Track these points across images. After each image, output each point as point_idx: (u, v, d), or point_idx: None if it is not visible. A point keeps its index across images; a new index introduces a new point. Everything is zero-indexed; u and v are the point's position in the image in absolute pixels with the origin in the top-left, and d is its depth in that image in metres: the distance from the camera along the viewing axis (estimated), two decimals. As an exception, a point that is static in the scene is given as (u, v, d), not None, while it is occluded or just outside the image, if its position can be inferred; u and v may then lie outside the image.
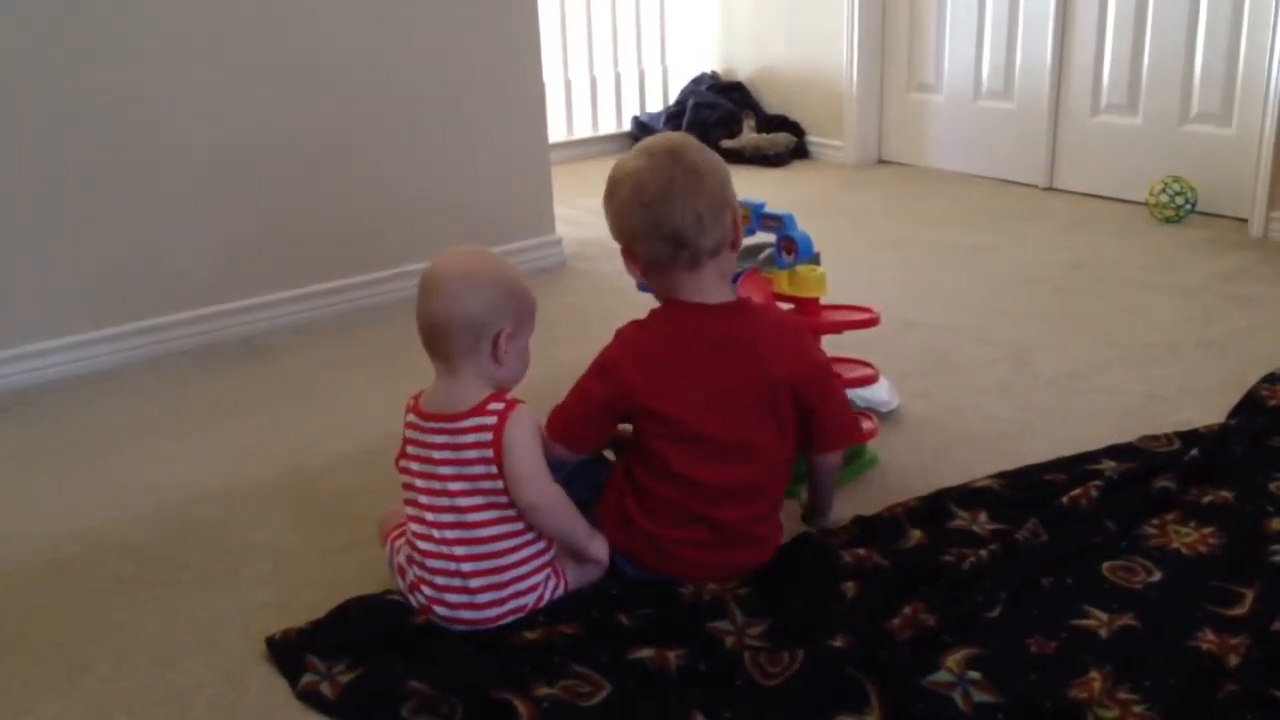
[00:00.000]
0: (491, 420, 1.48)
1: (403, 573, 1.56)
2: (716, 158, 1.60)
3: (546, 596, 1.53)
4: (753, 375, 1.56)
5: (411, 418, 1.55)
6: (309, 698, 1.40)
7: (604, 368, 1.58)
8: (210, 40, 2.58)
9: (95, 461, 2.11)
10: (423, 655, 1.45)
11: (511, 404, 1.51)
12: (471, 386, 1.51)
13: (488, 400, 1.50)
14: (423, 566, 1.51)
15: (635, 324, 1.62)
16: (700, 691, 1.37)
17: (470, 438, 1.49)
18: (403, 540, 1.57)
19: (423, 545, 1.51)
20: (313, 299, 2.83)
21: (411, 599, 1.54)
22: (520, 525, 1.51)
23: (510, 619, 1.51)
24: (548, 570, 1.54)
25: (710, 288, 1.59)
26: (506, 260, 1.58)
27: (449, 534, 1.50)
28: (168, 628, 1.58)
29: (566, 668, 1.41)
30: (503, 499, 1.49)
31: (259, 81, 2.66)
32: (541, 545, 1.54)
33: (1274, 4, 3.12)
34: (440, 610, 1.51)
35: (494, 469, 1.48)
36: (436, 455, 1.51)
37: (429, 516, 1.51)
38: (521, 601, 1.51)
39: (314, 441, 2.15)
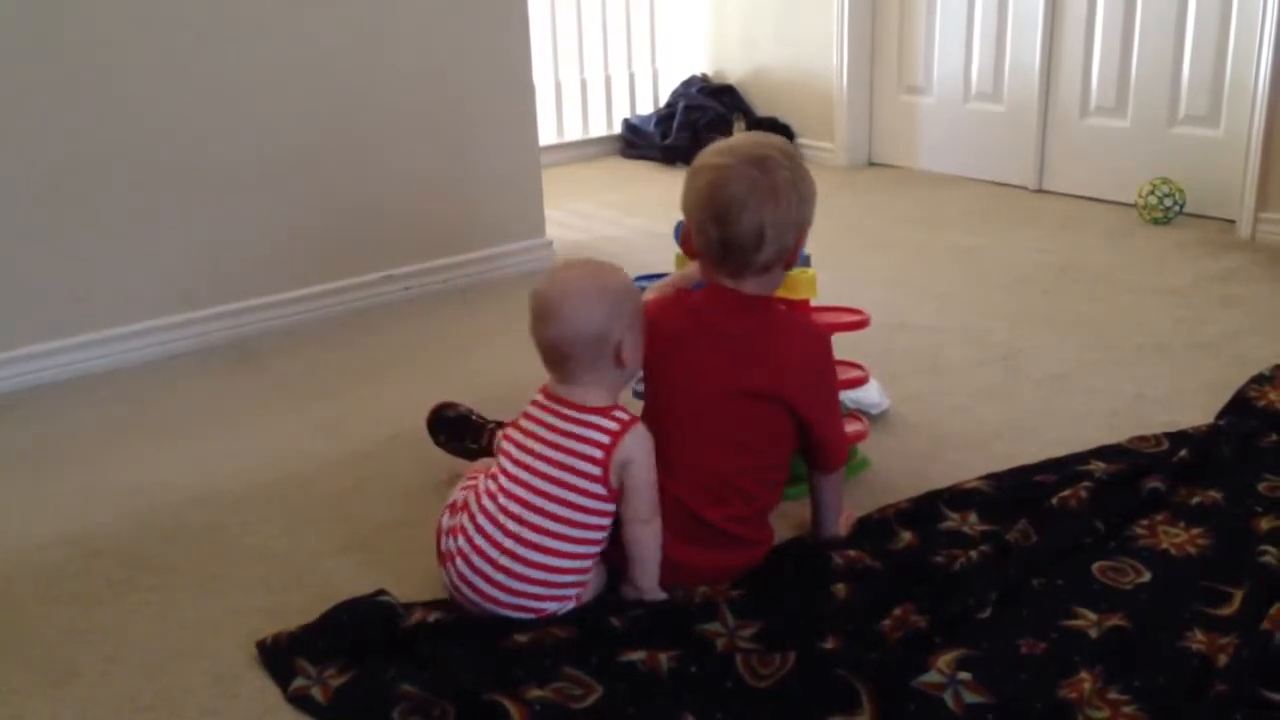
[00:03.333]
0: (614, 426, 1.50)
1: (453, 510, 1.57)
2: (803, 175, 1.57)
3: (559, 612, 1.53)
4: (748, 376, 1.56)
5: (539, 397, 1.56)
6: (300, 702, 1.40)
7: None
8: (200, 45, 2.58)
9: (86, 465, 2.11)
10: (414, 658, 1.44)
11: (634, 419, 1.53)
12: (592, 391, 1.53)
13: (613, 408, 1.53)
14: (472, 518, 1.52)
15: (664, 301, 1.65)
16: (691, 694, 1.37)
17: (590, 433, 1.50)
18: (475, 483, 1.57)
19: (485, 502, 1.52)
20: (304, 302, 2.83)
21: (442, 542, 1.55)
22: (576, 534, 1.50)
23: (515, 614, 1.50)
24: (575, 590, 1.54)
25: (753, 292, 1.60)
26: (607, 265, 1.59)
27: (513, 506, 1.50)
28: (158, 632, 1.58)
29: (558, 670, 1.41)
30: (581, 501, 1.49)
31: (248, 85, 2.66)
32: (586, 564, 1.53)
33: (1261, 6, 3.14)
34: (459, 564, 1.51)
35: (598, 470, 1.49)
36: (545, 435, 1.52)
37: (504, 482, 1.52)
38: (537, 604, 1.51)
39: (305, 445, 2.15)
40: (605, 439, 1.50)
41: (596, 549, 1.54)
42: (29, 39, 2.37)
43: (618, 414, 1.52)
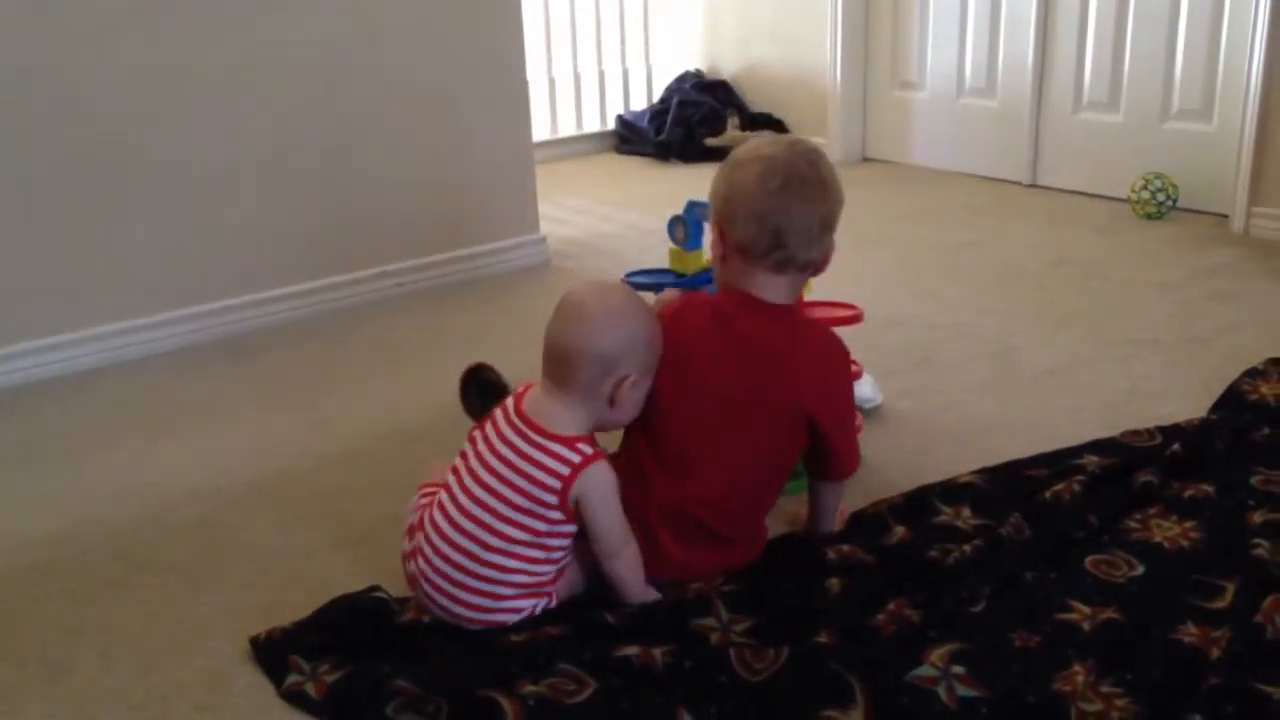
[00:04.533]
0: (576, 459, 1.46)
1: (411, 533, 1.56)
2: (839, 184, 1.60)
3: (529, 614, 1.52)
4: (772, 385, 1.55)
5: (509, 403, 1.53)
6: (294, 698, 1.40)
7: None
8: (191, 40, 2.57)
9: (79, 462, 2.10)
10: (408, 654, 1.44)
11: (597, 454, 1.48)
12: (573, 415, 1.49)
13: (578, 440, 1.48)
14: (428, 539, 1.51)
15: (692, 302, 1.64)
16: (686, 688, 1.37)
17: (547, 460, 1.46)
18: (430, 500, 1.56)
19: (438, 518, 1.50)
20: (296, 298, 2.82)
21: (405, 564, 1.54)
22: (533, 554, 1.49)
23: (481, 627, 1.49)
24: (537, 597, 1.52)
25: (780, 296, 1.59)
26: (647, 304, 1.57)
27: (468, 524, 1.48)
28: (152, 629, 1.58)
29: (552, 666, 1.40)
30: (538, 525, 1.47)
31: (239, 81, 2.66)
32: (544, 576, 1.51)
33: (1254, 1, 3.14)
34: (424, 585, 1.50)
35: (555, 499, 1.46)
36: (503, 451, 1.49)
37: (461, 498, 1.49)
38: (499, 618, 1.49)
39: (299, 441, 2.15)
40: (565, 470, 1.46)
41: (555, 567, 1.52)
42: (17, 38, 2.36)
43: (581, 446, 1.47)
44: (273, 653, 1.47)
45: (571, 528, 1.50)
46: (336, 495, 1.93)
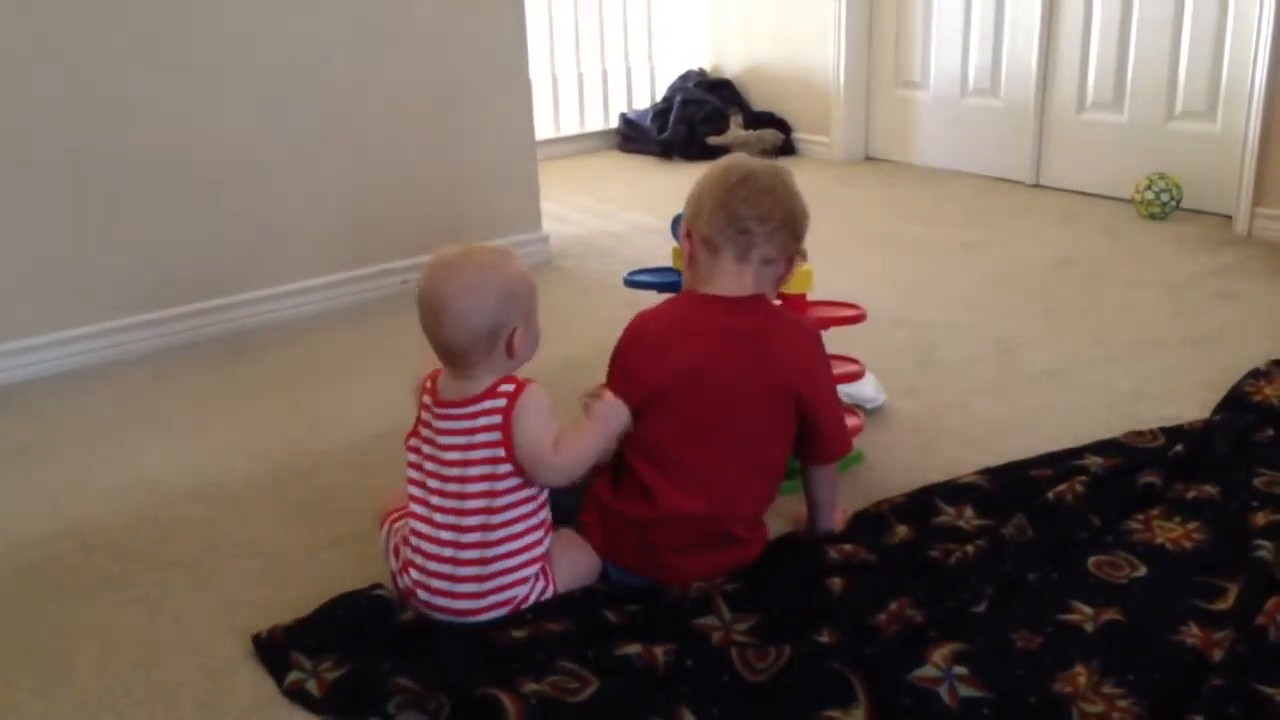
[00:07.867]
0: (501, 403, 1.49)
1: (396, 552, 1.56)
2: (803, 199, 1.66)
3: (532, 598, 1.52)
4: (757, 371, 1.57)
5: (426, 400, 1.54)
6: (296, 695, 1.40)
7: (612, 358, 1.65)
8: (196, 38, 2.57)
9: (80, 459, 2.10)
10: (410, 652, 1.44)
11: (522, 385, 1.50)
12: (485, 377, 1.51)
13: (498, 383, 1.50)
14: (416, 549, 1.52)
15: (647, 311, 1.68)
16: (687, 687, 1.37)
17: (482, 420, 1.49)
18: (401, 520, 1.57)
19: (420, 527, 1.51)
20: (299, 296, 2.82)
21: (398, 580, 1.55)
22: (516, 526, 1.50)
23: (488, 615, 1.50)
24: (535, 572, 1.53)
25: (745, 289, 1.62)
26: (499, 253, 1.54)
27: (449, 519, 1.50)
28: (153, 626, 1.58)
29: (554, 664, 1.40)
30: (503, 490, 1.49)
31: (244, 78, 2.66)
32: (536, 552, 1.52)
33: (1258, 1, 3.14)
34: (421, 594, 1.51)
35: (501, 452, 1.48)
36: (443, 441, 1.50)
37: (435, 500, 1.51)
38: (502, 598, 1.50)
39: (300, 439, 2.15)
40: (498, 419, 1.48)
41: (537, 519, 1.52)
42: (22, 39, 2.36)
43: (503, 388, 1.49)
44: (274, 650, 1.47)
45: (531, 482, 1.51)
46: (337, 493, 1.93)
